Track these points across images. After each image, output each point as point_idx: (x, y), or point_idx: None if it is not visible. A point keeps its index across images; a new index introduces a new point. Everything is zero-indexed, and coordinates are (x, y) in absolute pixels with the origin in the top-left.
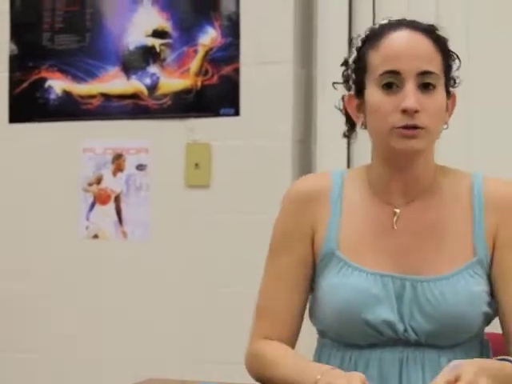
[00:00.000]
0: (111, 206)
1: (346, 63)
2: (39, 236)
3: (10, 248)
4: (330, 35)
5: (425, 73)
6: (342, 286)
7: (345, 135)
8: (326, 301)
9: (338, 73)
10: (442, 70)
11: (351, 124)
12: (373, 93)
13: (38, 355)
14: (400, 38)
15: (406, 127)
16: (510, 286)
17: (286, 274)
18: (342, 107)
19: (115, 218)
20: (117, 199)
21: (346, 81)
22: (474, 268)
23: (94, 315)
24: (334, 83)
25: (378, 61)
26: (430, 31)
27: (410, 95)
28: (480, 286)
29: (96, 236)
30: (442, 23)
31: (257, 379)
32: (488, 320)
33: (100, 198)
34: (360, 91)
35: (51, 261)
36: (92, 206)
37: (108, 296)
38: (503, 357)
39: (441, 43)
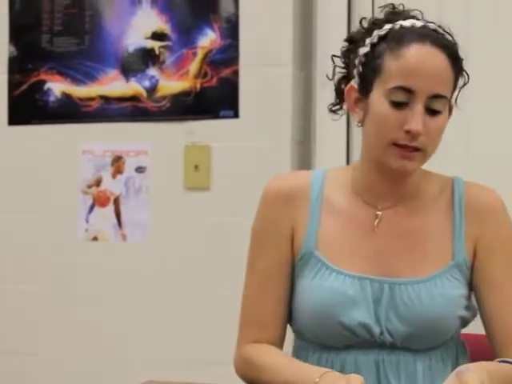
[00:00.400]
0: (110, 208)
1: (350, 41)
2: (38, 238)
3: (9, 250)
4: (329, 37)
5: (437, 96)
6: (319, 287)
7: (331, 110)
8: (303, 301)
9: (337, 74)
10: (452, 90)
11: (340, 100)
12: (379, 101)
13: (39, 356)
14: (422, 56)
15: (405, 147)
16: (494, 288)
17: (269, 275)
18: (334, 79)
19: (114, 220)
20: (116, 201)
21: (344, 56)
22: (452, 272)
23: (94, 317)
24: (332, 56)
25: (395, 71)
26: (450, 48)
27: (417, 118)
28: (457, 290)
29: (95, 238)
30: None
31: (250, 381)
32: (464, 323)
33: (99, 201)
34: (365, 89)
35: (50, 263)
36: (91, 208)
37: (107, 298)
38: (503, 359)
39: (457, 62)
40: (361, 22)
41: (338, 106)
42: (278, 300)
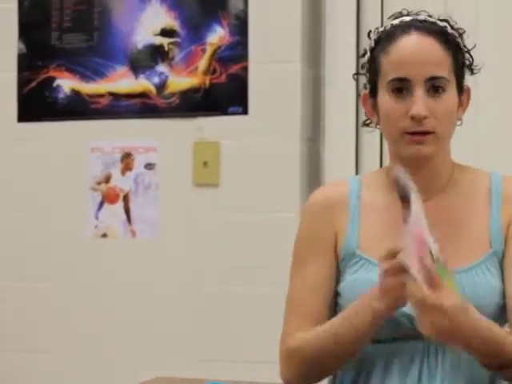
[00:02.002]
0: (120, 204)
1: (364, 55)
2: (48, 235)
3: (19, 247)
4: (338, 34)
5: (433, 78)
6: (361, 280)
7: (364, 124)
8: (347, 295)
9: (345, 71)
10: (453, 70)
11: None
12: (383, 97)
13: (47, 354)
14: (408, 45)
15: (415, 133)
16: None
17: (314, 282)
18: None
19: (124, 216)
20: (125, 198)
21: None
22: (491, 260)
23: (102, 314)
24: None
25: (388, 67)
26: (440, 33)
27: (418, 102)
28: (497, 279)
29: (105, 235)
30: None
31: (303, 371)
32: (505, 315)
33: (108, 197)
34: (374, 92)
35: (60, 260)
36: (101, 204)
37: (116, 294)
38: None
39: (451, 43)
40: (369, 35)
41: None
42: (323, 303)
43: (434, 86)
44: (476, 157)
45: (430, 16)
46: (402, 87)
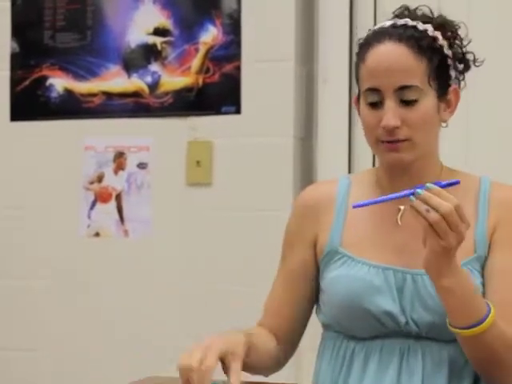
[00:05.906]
0: (112, 204)
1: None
2: (40, 234)
3: (12, 246)
4: (331, 32)
5: (403, 87)
6: (344, 276)
7: None
8: (329, 291)
9: (339, 70)
10: (429, 76)
11: None
12: (362, 105)
13: (38, 354)
14: (379, 55)
15: (389, 141)
16: (493, 282)
17: (287, 273)
18: None
19: (116, 216)
20: (118, 197)
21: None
22: (473, 264)
23: (95, 313)
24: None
25: (364, 76)
26: (413, 39)
27: (388, 113)
28: (478, 281)
29: (97, 234)
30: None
31: None
32: None
33: (101, 197)
34: (359, 95)
35: (52, 259)
36: (93, 204)
37: (109, 294)
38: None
39: (427, 49)
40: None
41: None
42: (292, 296)
43: (405, 96)
44: (467, 159)
45: (416, 17)
46: (375, 101)
